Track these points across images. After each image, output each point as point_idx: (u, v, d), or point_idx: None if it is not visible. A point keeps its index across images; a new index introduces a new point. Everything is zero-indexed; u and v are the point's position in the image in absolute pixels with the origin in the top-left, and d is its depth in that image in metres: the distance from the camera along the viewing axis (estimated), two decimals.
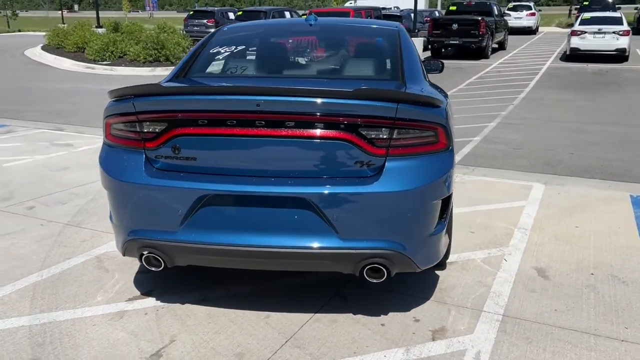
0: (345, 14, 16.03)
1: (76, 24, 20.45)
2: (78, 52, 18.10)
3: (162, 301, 3.02)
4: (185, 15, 28.16)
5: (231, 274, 3.27)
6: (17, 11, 45.91)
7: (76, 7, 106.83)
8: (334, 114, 2.48)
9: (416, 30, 18.36)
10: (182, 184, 2.57)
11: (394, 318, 2.86)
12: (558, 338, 2.68)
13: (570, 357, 2.53)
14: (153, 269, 2.74)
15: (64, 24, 25.23)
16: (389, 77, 3.29)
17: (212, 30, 15.78)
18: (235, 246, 2.55)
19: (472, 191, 4.99)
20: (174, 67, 3.61)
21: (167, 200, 2.59)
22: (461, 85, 12.06)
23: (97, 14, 20.85)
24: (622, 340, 2.67)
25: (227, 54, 3.53)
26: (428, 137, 2.59)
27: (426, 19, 20.92)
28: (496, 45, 19.50)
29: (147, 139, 2.64)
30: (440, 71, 5.03)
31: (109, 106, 2.74)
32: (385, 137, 2.52)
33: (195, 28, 22.40)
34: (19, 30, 35.27)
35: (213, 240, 2.56)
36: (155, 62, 16.23)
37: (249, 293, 3.11)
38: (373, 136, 2.51)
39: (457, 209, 4.40)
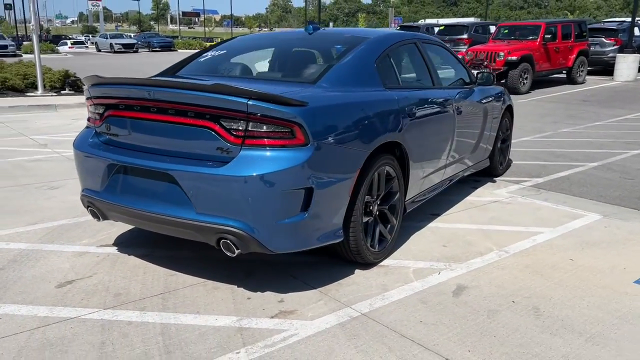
0: (535, 27, 15.11)
1: None
2: None
3: (119, 251, 3.77)
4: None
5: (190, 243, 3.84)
6: None
7: None
8: (199, 105, 2.92)
9: (633, 45, 16.30)
10: (104, 154, 3.28)
11: (263, 295, 3.14)
12: (384, 342, 2.68)
13: (373, 358, 2.55)
14: (96, 220, 3.50)
15: None
16: (306, 80, 3.53)
17: None
18: (130, 208, 3.16)
19: (504, 212, 4.75)
20: None
21: (96, 167, 3.32)
22: None
23: None
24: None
25: (202, 58, 4.15)
26: (284, 132, 2.85)
27: None
28: None
29: (95, 118, 3.43)
30: (491, 83, 4.92)
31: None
32: (241, 128, 2.86)
33: None
34: None
35: (117, 202, 3.22)
36: None
37: (186, 257, 3.66)
38: (231, 127, 2.88)
39: (459, 225, 4.33)
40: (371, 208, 3.53)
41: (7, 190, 5.17)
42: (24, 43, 43.75)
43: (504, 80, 14.53)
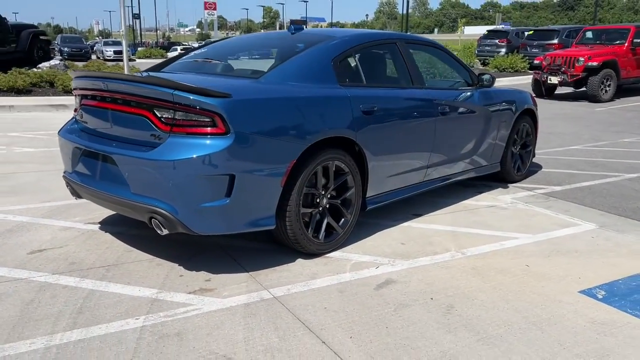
0: (623, 30, 14.10)
1: None
2: None
3: (100, 228, 4.17)
4: None
5: None
6: None
7: None
8: (138, 95, 3.22)
9: None
10: (73, 139, 3.69)
11: (195, 274, 3.37)
12: (275, 322, 2.80)
13: (254, 335, 2.70)
14: (75, 198, 3.92)
15: None
16: (253, 75, 3.71)
17: (503, 50, 16.23)
18: (90, 187, 3.53)
19: (492, 217, 4.66)
20: None
21: (69, 150, 3.74)
22: None
23: None
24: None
25: (186, 58, 4.46)
26: (205, 121, 3.08)
27: None
28: None
29: (75, 107, 3.86)
30: (491, 85, 4.89)
31: None
32: (169, 117, 3.13)
33: (487, 48, 22.51)
34: None
35: (82, 182, 3.60)
36: None
37: (151, 237, 3.97)
38: (162, 115, 3.16)
39: (434, 225, 4.34)
40: (318, 200, 3.65)
41: (44, 174, 5.83)
42: (139, 49, 47.53)
43: (583, 88, 13.72)
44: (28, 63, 15.42)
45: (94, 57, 36.41)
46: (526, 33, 22.37)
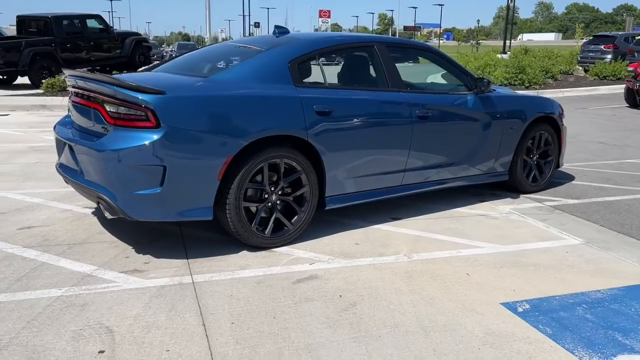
0: None
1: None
2: None
3: (92, 212, 4.64)
4: None
5: None
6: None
7: None
8: (94, 91, 3.59)
9: None
10: (58, 130, 4.16)
11: (139, 257, 3.64)
12: (174, 304, 3.01)
13: (147, 312, 2.93)
14: (67, 183, 4.40)
15: None
16: (205, 75, 3.94)
17: (609, 57, 15.31)
18: (65, 175, 3.97)
19: (473, 226, 4.52)
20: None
21: (57, 142, 4.22)
22: None
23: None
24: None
25: (174, 60, 4.77)
26: (140, 115, 3.38)
27: None
28: None
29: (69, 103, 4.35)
30: (485, 90, 4.81)
31: None
32: (114, 111, 3.46)
33: (591, 54, 21.02)
34: None
35: (62, 170, 4.06)
36: (509, 85, 16.61)
37: (127, 223, 4.36)
38: (109, 110, 3.50)
39: (403, 229, 4.35)
40: (266, 196, 3.81)
41: None
42: None
43: None
44: (130, 67, 16.93)
45: None
46: (636, 38, 20.57)
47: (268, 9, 72.61)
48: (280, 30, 4.61)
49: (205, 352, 2.56)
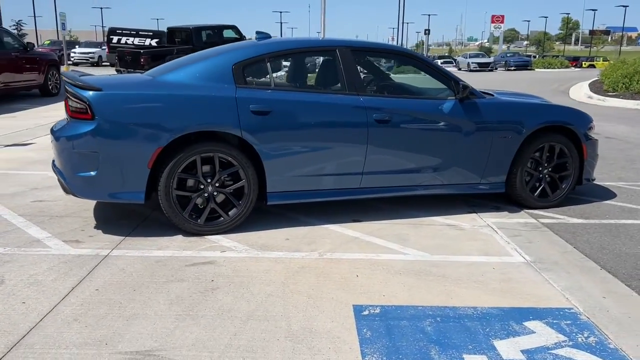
0: None
1: None
2: None
3: None
4: None
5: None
6: None
7: None
8: (66, 89, 4.29)
9: None
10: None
11: (93, 231, 4.25)
12: (71, 268, 3.54)
13: (50, 275, 3.48)
14: None
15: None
16: (152, 74, 4.38)
17: None
18: (53, 168, 4.75)
19: (429, 235, 4.40)
20: None
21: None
22: None
23: None
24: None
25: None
26: (82, 108, 3.97)
27: None
28: None
29: None
30: (465, 96, 4.72)
31: None
32: (72, 105, 4.12)
33: None
34: None
35: (52, 165, 4.84)
36: None
37: (119, 206, 5.02)
38: (70, 104, 4.15)
39: (351, 232, 4.41)
40: (202, 187, 4.19)
41: None
42: None
43: None
44: None
45: None
46: None
47: (429, 15, 71.87)
48: (261, 36, 4.91)
49: (48, 307, 3.01)
